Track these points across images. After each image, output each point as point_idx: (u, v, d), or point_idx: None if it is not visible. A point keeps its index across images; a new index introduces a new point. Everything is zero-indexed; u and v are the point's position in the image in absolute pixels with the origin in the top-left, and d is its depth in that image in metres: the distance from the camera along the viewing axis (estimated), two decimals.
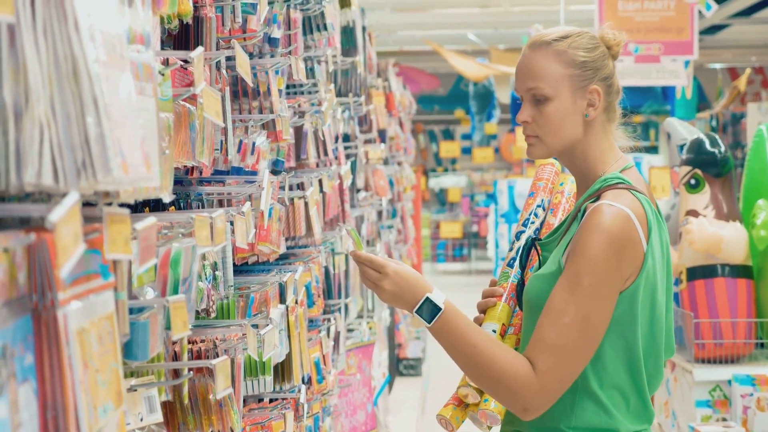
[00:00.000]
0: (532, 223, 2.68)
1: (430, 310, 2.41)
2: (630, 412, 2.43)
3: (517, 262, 2.63)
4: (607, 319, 2.36)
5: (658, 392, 6.19)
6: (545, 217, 2.69)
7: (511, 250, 2.67)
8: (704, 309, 5.52)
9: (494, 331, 2.55)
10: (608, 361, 2.40)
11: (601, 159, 2.50)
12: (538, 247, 2.56)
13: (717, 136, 5.70)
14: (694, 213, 5.58)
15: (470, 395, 2.55)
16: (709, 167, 5.58)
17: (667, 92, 15.81)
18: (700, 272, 5.54)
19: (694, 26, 8.17)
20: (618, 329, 2.39)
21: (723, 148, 5.62)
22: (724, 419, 5.52)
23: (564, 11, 11.63)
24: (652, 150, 16.03)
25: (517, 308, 2.60)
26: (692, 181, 5.60)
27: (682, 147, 5.88)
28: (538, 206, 2.70)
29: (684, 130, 6.07)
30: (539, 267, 2.53)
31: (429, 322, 2.41)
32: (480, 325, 2.58)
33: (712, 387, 5.55)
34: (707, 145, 5.63)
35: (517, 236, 2.68)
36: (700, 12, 8.24)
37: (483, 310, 2.61)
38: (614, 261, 2.34)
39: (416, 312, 2.42)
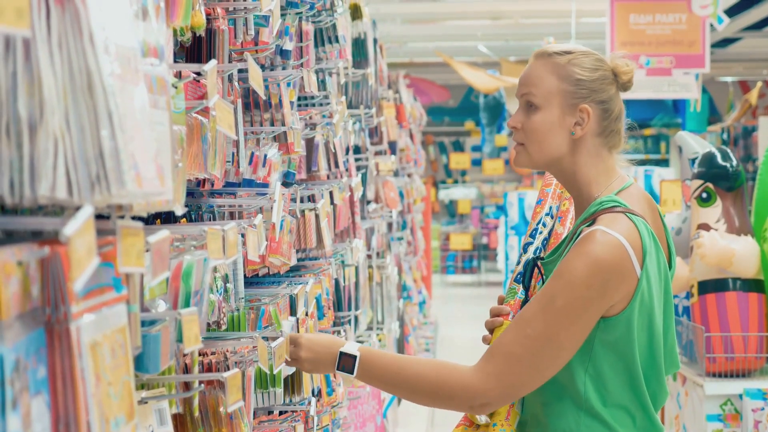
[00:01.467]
0: (540, 233, 2.65)
1: (349, 362, 2.48)
2: (637, 428, 2.42)
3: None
4: (576, 342, 2.35)
5: (669, 406, 6.18)
6: (553, 226, 2.67)
7: (518, 263, 2.65)
8: (715, 323, 5.50)
9: None
10: (609, 381, 2.39)
11: (594, 180, 2.48)
12: (541, 267, 2.55)
13: (729, 150, 5.69)
14: (705, 227, 5.56)
15: (482, 418, 2.53)
16: (721, 181, 5.57)
17: (678, 105, 15.80)
18: (711, 286, 5.53)
19: (706, 39, 8.16)
20: (617, 351, 2.38)
21: (735, 162, 5.61)
22: None
23: (575, 24, 11.64)
24: (663, 163, 16.01)
25: None
26: (704, 195, 5.59)
27: (693, 160, 5.87)
28: (546, 214, 2.68)
29: (695, 143, 6.06)
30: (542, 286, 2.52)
31: (353, 374, 2.48)
32: (489, 344, 2.55)
33: (723, 401, 5.53)
34: (719, 159, 5.62)
35: (525, 248, 2.65)
36: (711, 25, 8.24)
37: (491, 329, 2.58)
38: (597, 289, 2.32)
39: (338, 370, 2.49)
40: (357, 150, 5.60)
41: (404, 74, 10.41)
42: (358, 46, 5.69)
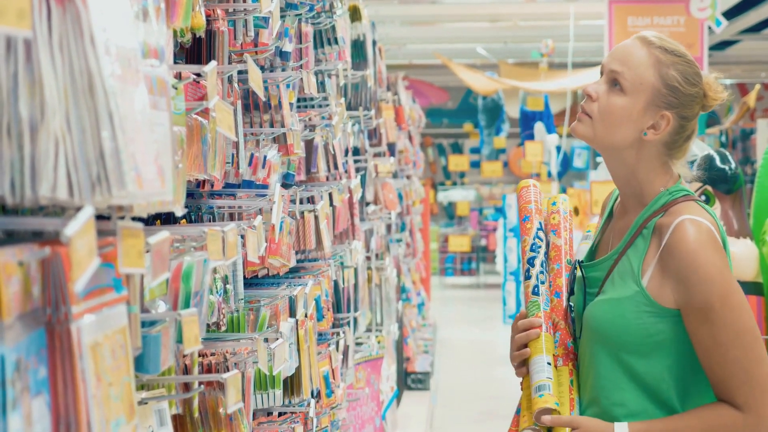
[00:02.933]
0: (540, 246, 2.62)
1: None
2: None
3: (562, 289, 2.56)
4: (753, 319, 2.34)
5: None
6: (549, 239, 2.64)
7: (528, 278, 2.60)
8: None
9: (549, 364, 2.47)
10: (688, 377, 2.39)
11: (656, 178, 2.44)
12: (582, 270, 2.51)
13: (727, 153, 5.69)
14: None
15: None
16: (720, 184, 5.57)
17: None
18: None
19: (704, 42, 8.17)
20: (687, 345, 2.37)
21: (733, 165, 5.61)
22: None
23: (574, 26, 11.65)
24: None
25: (557, 336, 2.53)
26: (702, 198, 5.59)
27: (692, 163, 5.87)
28: (538, 229, 2.65)
29: (694, 146, 6.06)
30: (583, 289, 2.49)
31: None
32: (527, 360, 2.51)
33: None
34: (717, 162, 5.62)
35: (531, 262, 2.61)
36: (710, 28, 8.25)
37: (524, 343, 2.52)
38: (726, 270, 2.32)
39: None
40: (356, 151, 5.60)
41: (403, 76, 10.40)
42: (357, 47, 5.69)
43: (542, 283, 2.58)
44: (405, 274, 9.62)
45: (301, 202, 3.44)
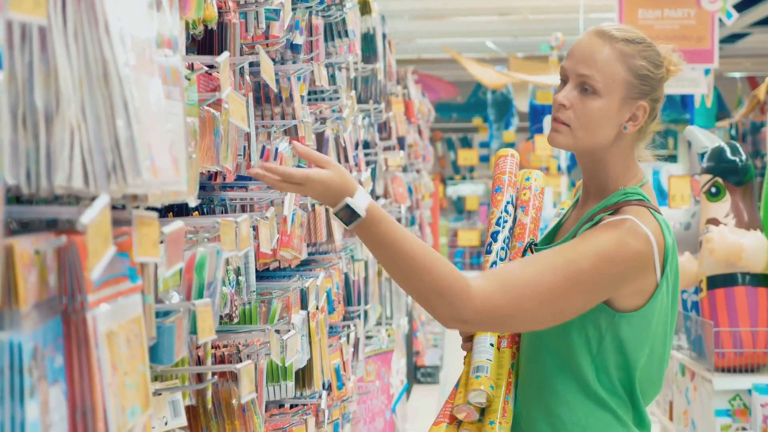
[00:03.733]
0: (506, 221, 2.58)
1: (349, 217, 2.19)
2: (632, 420, 2.42)
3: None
4: (576, 311, 2.31)
5: (678, 401, 6.17)
6: (516, 215, 2.60)
7: (489, 252, 2.56)
8: (724, 318, 5.50)
9: (492, 345, 2.46)
10: (613, 373, 2.38)
11: (622, 172, 2.42)
12: (534, 251, 2.50)
13: (738, 145, 5.68)
14: (714, 221, 5.56)
15: (469, 414, 2.43)
16: (730, 176, 5.57)
17: (686, 101, 15.78)
18: (720, 281, 5.52)
19: (715, 34, 8.15)
20: (624, 347, 2.36)
21: (744, 157, 5.61)
22: (744, 429, 5.49)
23: (584, 19, 11.62)
24: (671, 159, 15.98)
25: None
26: (713, 190, 5.58)
27: (702, 155, 5.87)
28: (508, 203, 2.60)
29: (705, 138, 6.06)
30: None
31: (348, 225, 2.22)
32: (472, 339, 2.49)
33: (732, 396, 5.53)
34: (728, 154, 5.62)
35: (494, 236, 2.57)
36: (720, 20, 8.23)
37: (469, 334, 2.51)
38: (618, 272, 2.30)
39: (335, 215, 2.21)
40: (366, 145, 5.60)
41: (412, 70, 10.40)
42: (368, 41, 5.69)
43: (501, 260, 2.54)
44: None
45: None
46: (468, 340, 2.52)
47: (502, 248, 2.56)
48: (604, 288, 2.31)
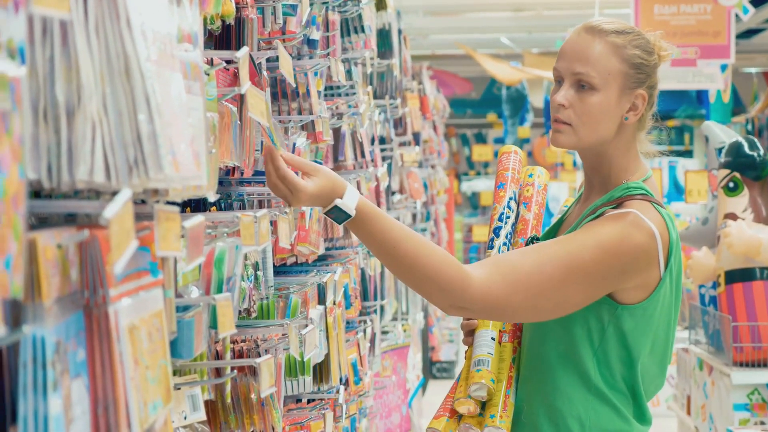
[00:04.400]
0: (508, 217, 2.57)
1: (340, 216, 2.21)
2: (633, 414, 2.42)
3: None
4: (578, 303, 2.30)
5: (696, 396, 6.16)
6: (519, 211, 2.60)
7: (491, 248, 2.56)
8: (742, 312, 5.48)
9: (493, 339, 2.45)
10: (614, 367, 2.37)
11: (625, 166, 2.42)
12: None
13: (755, 140, 5.66)
14: (732, 216, 5.54)
15: (471, 408, 2.43)
16: (748, 170, 5.55)
17: (701, 96, 15.74)
18: (738, 275, 5.50)
19: (731, 30, 8.12)
20: (627, 341, 2.35)
21: (762, 152, 5.59)
22: (763, 422, 5.48)
23: (599, 15, 11.59)
24: (687, 154, 15.94)
25: None
26: (730, 184, 5.57)
27: (720, 150, 5.85)
28: (510, 198, 2.60)
29: (722, 133, 6.03)
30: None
31: (340, 223, 2.24)
32: (474, 332, 2.49)
33: (750, 390, 5.51)
34: (746, 149, 5.60)
35: (496, 232, 2.56)
36: (736, 15, 8.20)
37: (471, 329, 2.50)
38: (621, 264, 2.29)
39: (326, 214, 2.23)
40: (382, 140, 5.60)
41: (427, 66, 10.39)
42: (383, 36, 5.69)
43: None
44: None
45: None
46: (469, 335, 2.52)
47: (504, 244, 2.55)
48: (606, 280, 2.30)
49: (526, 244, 2.52)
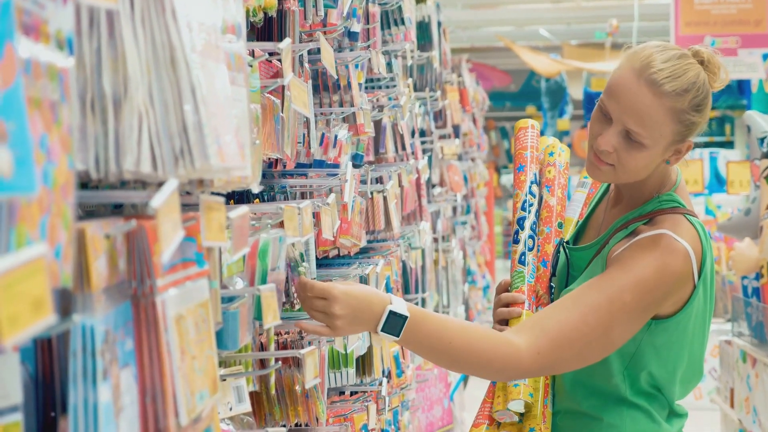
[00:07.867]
0: (531, 204, 2.50)
1: (397, 324, 2.17)
2: (668, 416, 2.42)
3: (550, 257, 2.48)
4: (625, 340, 2.29)
5: (739, 388, 6.12)
6: (542, 195, 2.53)
7: (517, 242, 2.48)
8: None
9: None
10: (648, 377, 2.37)
11: (659, 181, 2.38)
12: (567, 252, 2.47)
13: None
14: None
15: (509, 419, 2.43)
16: None
17: (743, 86, 15.61)
18: None
19: None
20: (662, 354, 2.35)
21: None
22: None
23: (638, 5, 11.53)
24: (728, 145, 15.82)
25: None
26: None
27: (762, 140, 5.80)
28: (532, 182, 2.52)
29: (764, 122, 5.98)
30: (566, 271, 2.46)
31: (398, 336, 2.17)
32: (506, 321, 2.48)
33: None
34: None
35: (520, 223, 2.49)
36: None
37: (506, 318, 2.47)
38: (660, 294, 2.27)
39: (382, 331, 2.16)
40: (422, 133, 5.59)
41: (466, 59, 10.37)
42: (423, 29, 5.68)
43: (530, 249, 2.48)
44: (470, 256, 9.60)
45: (369, 183, 3.44)
46: (502, 323, 2.49)
47: (530, 236, 2.48)
48: (648, 312, 2.30)
49: (555, 250, 2.48)
